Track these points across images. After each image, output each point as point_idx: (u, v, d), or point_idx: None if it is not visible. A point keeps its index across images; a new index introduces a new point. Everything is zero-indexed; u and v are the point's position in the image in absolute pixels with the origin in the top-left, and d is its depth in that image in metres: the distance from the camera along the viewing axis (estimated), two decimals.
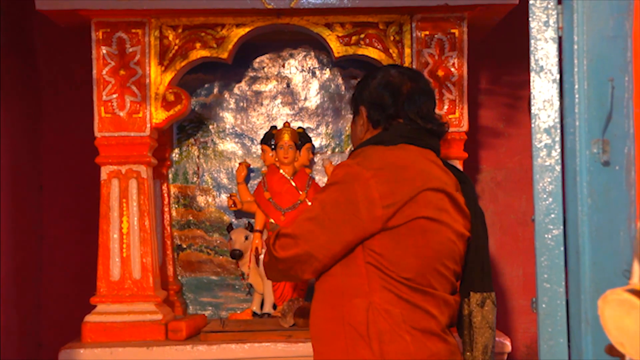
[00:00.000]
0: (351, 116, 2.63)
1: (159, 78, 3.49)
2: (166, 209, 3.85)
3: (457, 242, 2.41)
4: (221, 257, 3.90)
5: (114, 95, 3.45)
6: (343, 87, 3.94)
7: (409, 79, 2.50)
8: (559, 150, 1.81)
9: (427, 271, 2.34)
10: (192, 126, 3.92)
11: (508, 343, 3.32)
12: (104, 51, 3.45)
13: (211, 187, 3.93)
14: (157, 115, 3.48)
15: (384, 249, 2.31)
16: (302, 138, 3.78)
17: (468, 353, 2.50)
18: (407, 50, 3.51)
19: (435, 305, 2.36)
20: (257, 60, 3.94)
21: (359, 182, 2.30)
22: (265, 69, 3.95)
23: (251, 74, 3.94)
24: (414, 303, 2.32)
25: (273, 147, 3.75)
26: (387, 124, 2.47)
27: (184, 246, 3.90)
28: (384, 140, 2.44)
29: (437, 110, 2.66)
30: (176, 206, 3.91)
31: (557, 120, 1.81)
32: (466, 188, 2.51)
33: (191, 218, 3.91)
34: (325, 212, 2.33)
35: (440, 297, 2.37)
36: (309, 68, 3.95)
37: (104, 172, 3.45)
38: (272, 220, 3.64)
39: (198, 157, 3.93)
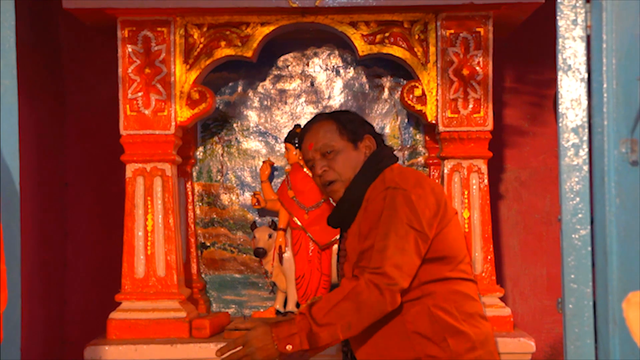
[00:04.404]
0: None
1: (183, 76, 3.50)
2: (190, 207, 3.87)
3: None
4: (245, 255, 3.91)
5: (139, 94, 3.47)
6: (367, 86, 3.93)
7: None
8: (586, 149, 1.80)
9: (466, 259, 2.63)
10: (217, 124, 3.94)
11: (532, 343, 3.30)
12: (130, 49, 3.47)
13: (235, 185, 3.94)
14: (182, 113, 3.49)
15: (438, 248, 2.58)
16: None
17: None
18: (432, 49, 3.50)
19: (474, 291, 2.64)
20: (282, 58, 3.95)
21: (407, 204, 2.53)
22: (290, 68, 3.95)
23: (275, 73, 3.95)
24: (463, 293, 2.58)
25: (297, 145, 3.75)
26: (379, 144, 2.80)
27: (208, 244, 3.91)
28: (392, 158, 2.73)
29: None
30: (200, 204, 3.92)
31: (585, 119, 1.80)
32: None
33: (215, 216, 3.92)
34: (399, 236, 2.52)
35: (474, 281, 2.67)
36: (333, 67, 3.95)
37: (129, 169, 3.47)
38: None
39: (222, 155, 3.94)
